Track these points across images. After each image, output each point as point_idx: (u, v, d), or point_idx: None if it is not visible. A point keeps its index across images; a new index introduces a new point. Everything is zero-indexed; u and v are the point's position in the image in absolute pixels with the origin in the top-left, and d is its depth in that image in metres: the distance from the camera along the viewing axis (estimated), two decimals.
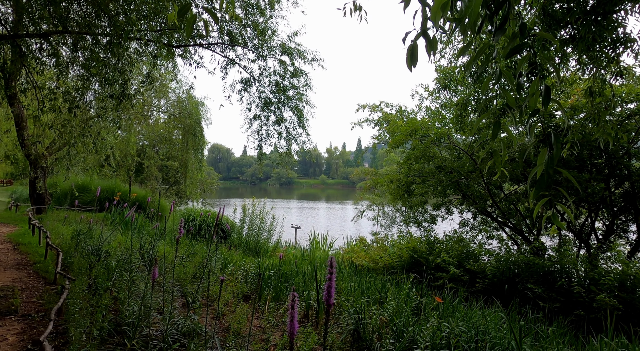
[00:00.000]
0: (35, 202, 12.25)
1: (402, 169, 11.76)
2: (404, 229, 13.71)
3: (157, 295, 5.27)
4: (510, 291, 6.66)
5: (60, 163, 9.54)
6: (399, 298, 5.10)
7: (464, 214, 11.44)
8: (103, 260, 6.35)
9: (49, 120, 8.37)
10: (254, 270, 6.73)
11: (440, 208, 10.29)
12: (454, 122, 7.58)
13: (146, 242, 7.78)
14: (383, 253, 9.54)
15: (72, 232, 8.97)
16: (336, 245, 15.77)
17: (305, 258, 11.47)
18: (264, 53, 7.13)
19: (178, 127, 17.83)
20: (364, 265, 9.34)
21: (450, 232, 10.63)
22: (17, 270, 5.81)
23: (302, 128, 7.76)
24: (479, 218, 11.09)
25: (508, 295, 6.64)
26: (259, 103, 7.63)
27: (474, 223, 11.11)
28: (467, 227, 10.86)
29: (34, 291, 4.94)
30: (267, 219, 12.40)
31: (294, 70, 7.51)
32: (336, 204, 69.15)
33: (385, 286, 5.94)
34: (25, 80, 7.68)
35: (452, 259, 7.75)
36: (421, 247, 8.54)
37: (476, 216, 11.11)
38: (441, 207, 10.21)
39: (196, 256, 7.81)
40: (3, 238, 8.41)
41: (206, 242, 11.25)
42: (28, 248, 7.22)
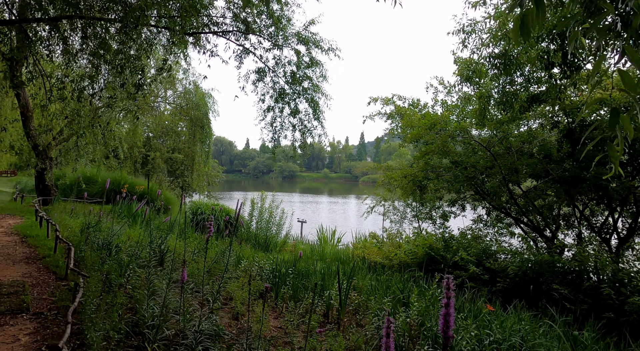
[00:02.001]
0: (41, 194, 12.07)
1: (414, 164, 11.51)
2: (415, 225, 13.48)
3: (174, 293, 5.07)
4: (534, 292, 6.44)
5: (68, 154, 9.33)
6: (425, 299, 4.89)
7: (477, 210, 11.21)
8: (114, 255, 6.16)
9: (56, 110, 8.14)
10: (269, 267, 6.52)
11: (455, 204, 10.05)
12: (476, 115, 7.31)
13: (156, 236, 7.59)
14: (396, 249, 9.34)
15: (80, 224, 8.79)
16: (344, 239, 15.58)
17: (316, 253, 11.27)
18: (280, 42, 6.85)
19: (184, 119, 17.57)
20: (377, 262, 9.14)
21: (463, 228, 10.43)
22: (26, 264, 5.62)
23: (317, 120, 7.52)
24: (493, 215, 10.85)
25: (532, 296, 6.42)
26: (274, 94, 7.36)
27: (488, 219, 10.86)
28: (481, 223, 10.62)
29: (45, 287, 4.74)
30: (276, 213, 12.19)
31: (310, 60, 7.23)
32: (339, 198, 69.03)
33: (407, 286, 5.72)
34: (33, 68, 7.43)
35: (471, 257, 7.52)
36: (437, 244, 8.32)
37: (490, 212, 10.86)
38: (456, 203, 9.96)
39: (208, 251, 7.61)
40: (10, 231, 8.24)
41: (215, 236, 11.06)
42: (36, 241, 7.04)
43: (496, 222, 10.58)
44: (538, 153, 8.62)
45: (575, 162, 7.39)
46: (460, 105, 8.89)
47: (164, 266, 6.44)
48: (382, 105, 12.30)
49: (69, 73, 7.51)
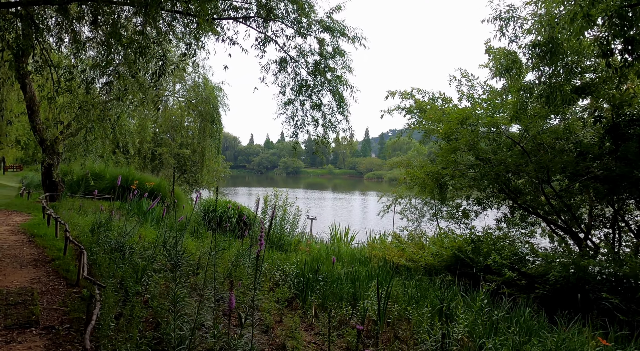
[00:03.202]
0: (48, 190, 11.71)
1: (435, 160, 11.01)
2: (434, 224, 13.00)
3: (192, 300, 4.65)
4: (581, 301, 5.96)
5: (76, 149, 8.92)
6: (472, 311, 4.44)
7: (500, 209, 10.71)
8: (128, 257, 5.74)
9: (64, 102, 7.71)
10: (293, 271, 6.09)
11: (482, 203, 9.55)
12: (515, 109, 6.79)
13: (170, 236, 7.17)
14: (420, 251, 8.88)
15: (89, 223, 8.40)
16: (356, 238, 15.13)
17: (332, 254, 10.82)
18: (303, 29, 6.37)
19: (192, 114, 17.12)
20: (400, 264, 8.69)
21: (484, 228, 9.95)
22: (34, 268, 5.22)
23: (342, 114, 7.04)
24: (517, 214, 10.35)
25: (575, 304, 5.95)
26: (295, 86, 6.89)
27: (512, 219, 10.35)
28: (504, 223, 10.13)
29: (56, 296, 4.33)
30: (290, 211, 11.75)
31: (334, 49, 6.74)
32: (344, 194, 68.53)
33: (445, 294, 5.26)
34: (40, 57, 6.99)
35: (505, 261, 7.05)
36: (465, 246, 7.85)
37: (513, 211, 10.36)
38: (483, 202, 9.47)
39: (225, 252, 7.19)
40: (17, 229, 7.85)
41: (230, 235, 10.64)
42: (44, 241, 6.64)
43: (520, 221, 10.09)
44: (573, 149, 8.11)
45: (619, 160, 6.88)
46: (489, 99, 8.37)
47: (181, 270, 6.03)
48: (401, 99, 11.79)
49: (78, 63, 7.07)
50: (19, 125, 14.69)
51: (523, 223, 9.88)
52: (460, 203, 11.15)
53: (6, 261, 5.41)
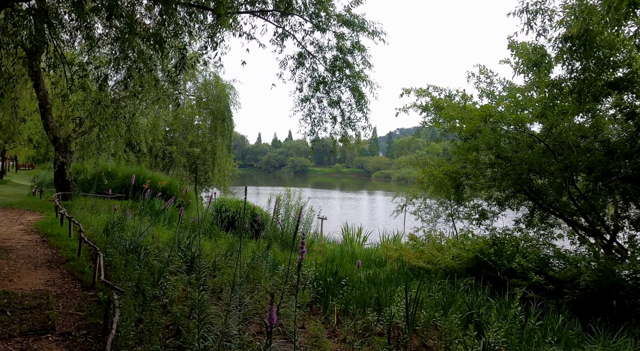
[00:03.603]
0: (60, 188, 11.66)
1: (453, 159, 10.72)
2: (450, 224, 12.71)
3: (212, 306, 4.47)
4: (609, 306, 5.67)
5: (89, 147, 8.82)
6: (507, 319, 4.19)
7: (519, 210, 10.40)
8: (143, 259, 5.59)
9: (78, 100, 7.60)
10: (311, 274, 5.88)
11: (502, 203, 9.26)
12: (543, 106, 6.51)
13: (184, 237, 7.03)
14: (438, 252, 8.62)
15: (102, 222, 8.29)
16: (370, 238, 14.89)
17: (346, 255, 10.61)
18: (322, 23, 6.15)
19: (202, 113, 16.99)
20: (419, 267, 8.44)
21: (503, 229, 9.66)
22: (48, 269, 5.09)
23: (361, 111, 6.81)
24: (537, 215, 10.03)
25: (609, 310, 5.66)
26: (312, 82, 6.68)
27: (532, 220, 10.03)
28: (523, 224, 9.83)
29: (71, 299, 4.18)
30: (303, 211, 11.56)
31: (353, 44, 6.52)
32: (352, 193, 68.16)
33: (474, 300, 5.01)
34: (53, 54, 6.88)
35: (530, 264, 6.76)
36: (487, 248, 7.57)
37: (533, 212, 10.05)
38: (505, 202, 9.17)
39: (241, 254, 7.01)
40: (30, 228, 7.77)
41: (244, 236, 10.48)
42: (58, 241, 6.53)
43: (540, 222, 9.77)
44: (600, 148, 7.79)
45: None
46: (512, 96, 8.07)
47: (197, 272, 5.87)
48: (417, 97, 11.52)
49: (92, 60, 6.94)
50: (31, 124, 14.69)
51: (542, 224, 9.58)
52: (478, 204, 10.86)
53: (20, 262, 5.30)
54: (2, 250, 5.78)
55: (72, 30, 6.47)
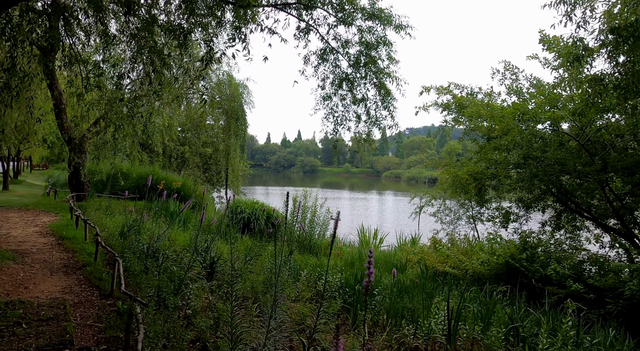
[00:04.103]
0: (74, 189, 11.56)
1: (473, 159, 10.33)
2: (469, 227, 12.30)
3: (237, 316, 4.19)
4: None
5: (104, 147, 8.66)
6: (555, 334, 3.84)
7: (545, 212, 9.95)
8: (162, 264, 5.36)
9: (93, 99, 7.42)
10: (337, 280, 5.58)
11: (529, 205, 8.83)
12: (584, 103, 6.11)
13: (201, 240, 6.78)
14: (464, 256, 8.25)
15: (117, 224, 8.11)
16: (386, 240, 14.52)
17: (365, 258, 10.28)
18: (346, 17, 5.84)
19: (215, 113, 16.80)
20: (444, 272, 8.08)
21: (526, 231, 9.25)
22: (65, 275, 4.87)
23: (386, 109, 6.48)
24: (564, 217, 9.58)
25: None
26: (335, 79, 6.38)
27: (559, 222, 9.58)
28: (549, 226, 9.39)
29: (89, 308, 3.95)
30: (320, 212, 11.28)
31: (378, 39, 6.19)
32: (362, 193, 67.60)
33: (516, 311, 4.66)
34: (69, 52, 6.69)
35: (567, 270, 6.37)
36: (518, 253, 7.19)
37: (561, 215, 9.60)
38: (531, 204, 8.75)
39: (260, 258, 6.75)
40: (46, 230, 7.61)
41: (258, 237, 10.24)
42: (74, 245, 6.34)
43: (567, 224, 9.33)
44: (637, 147, 7.35)
45: None
46: (544, 92, 7.66)
47: (217, 278, 5.61)
48: (437, 95, 11.15)
49: (107, 58, 6.74)
50: (46, 124, 14.66)
51: (569, 227, 9.15)
52: (501, 206, 10.45)
53: (36, 267, 5.10)
54: (18, 254, 5.60)
55: (88, 26, 6.27)
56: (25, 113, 8.83)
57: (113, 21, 7.25)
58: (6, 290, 4.11)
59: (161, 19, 5.13)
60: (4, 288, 4.15)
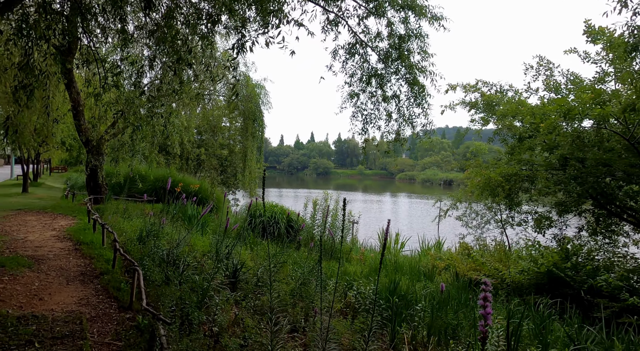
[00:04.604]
0: (92, 192, 11.42)
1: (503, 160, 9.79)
2: (496, 231, 11.71)
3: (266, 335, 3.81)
4: None
5: (122, 148, 8.46)
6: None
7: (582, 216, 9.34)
8: (184, 273, 5.03)
9: (111, 99, 7.19)
10: (370, 289, 5.16)
11: (568, 209, 8.25)
12: (634, 98, 5.57)
13: (222, 246, 6.45)
14: (498, 263, 7.73)
15: (135, 228, 7.86)
16: (408, 245, 14.01)
17: (389, 264, 9.83)
18: (377, 8, 5.44)
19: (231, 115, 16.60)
20: (475, 279, 7.57)
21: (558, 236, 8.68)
22: (82, 284, 4.58)
23: (420, 107, 6.05)
24: (601, 222, 8.95)
25: None
26: (364, 75, 5.99)
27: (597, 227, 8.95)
28: (585, 231, 8.77)
29: (107, 323, 3.62)
30: (341, 215, 10.85)
31: (409, 31, 5.77)
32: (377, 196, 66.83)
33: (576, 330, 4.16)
34: (87, 50, 6.47)
35: (620, 282, 5.81)
36: (562, 262, 6.64)
37: (599, 219, 8.97)
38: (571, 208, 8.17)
39: (284, 265, 6.39)
40: (63, 235, 7.40)
41: (277, 242, 9.90)
42: (91, 250, 6.08)
43: (605, 229, 8.71)
44: None
45: None
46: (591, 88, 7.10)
47: (241, 287, 5.26)
48: (465, 93, 10.64)
49: (125, 56, 6.48)
50: (64, 127, 14.66)
51: (608, 232, 8.53)
52: (535, 210, 9.87)
53: (52, 274, 4.83)
54: (34, 261, 5.36)
55: (106, 23, 6.02)
56: (43, 113, 8.67)
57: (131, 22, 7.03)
58: (19, 302, 3.83)
59: (183, 10, 4.82)
60: (18, 300, 3.86)
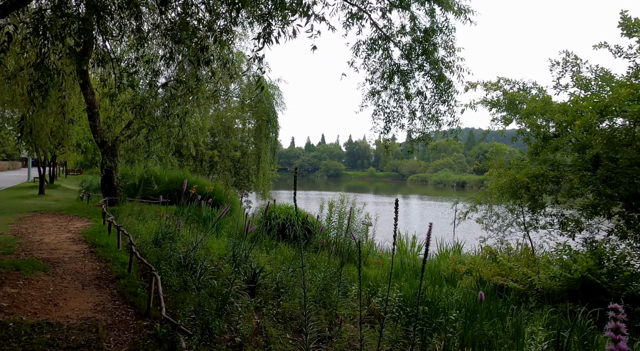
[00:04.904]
0: (107, 194, 11.39)
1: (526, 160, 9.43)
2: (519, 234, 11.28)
3: (289, 342, 3.60)
4: None
5: (138, 149, 8.37)
6: None
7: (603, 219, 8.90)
8: (199, 276, 4.85)
9: (126, 99, 7.09)
10: (397, 297, 4.89)
11: (599, 212, 7.84)
12: None
13: (239, 249, 6.26)
14: (526, 268, 7.37)
15: (150, 230, 7.75)
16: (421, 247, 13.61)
17: (407, 268, 9.54)
18: (401, 0, 5.20)
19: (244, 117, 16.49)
20: (500, 284, 7.24)
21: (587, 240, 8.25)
22: (97, 289, 4.43)
23: (445, 104, 5.77)
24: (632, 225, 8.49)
25: None
26: (387, 71, 5.75)
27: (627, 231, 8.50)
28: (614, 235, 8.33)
29: (123, 331, 3.44)
30: (358, 218, 10.61)
31: (436, 24, 5.51)
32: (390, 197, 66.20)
33: None
34: (103, 49, 6.36)
35: None
36: (596, 268, 6.27)
37: (630, 221, 8.52)
38: (601, 211, 7.76)
39: (305, 269, 6.15)
40: (78, 237, 7.31)
41: (293, 244, 9.69)
42: (106, 253, 5.95)
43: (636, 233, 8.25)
44: None
45: None
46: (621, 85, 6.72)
47: (260, 292, 5.05)
48: (486, 91, 10.30)
49: (141, 56, 6.36)
50: (79, 129, 14.74)
51: (638, 235, 8.08)
52: (561, 212, 9.46)
53: (67, 279, 4.69)
54: (49, 264, 5.24)
55: (121, 21, 5.90)
56: (58, 115, 8.63)
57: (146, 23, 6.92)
58: (34, 308, 3.68)
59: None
60: (32, 306, 3.72)
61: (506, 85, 10.25)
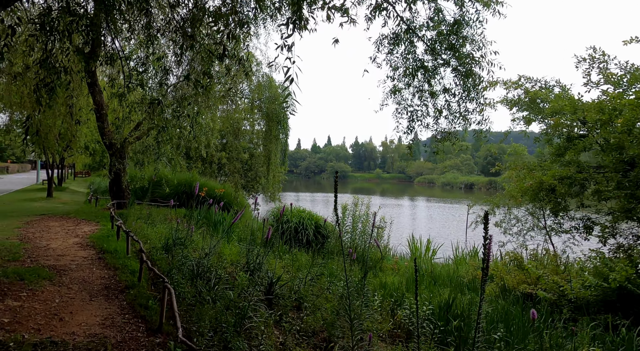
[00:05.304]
0: (115, 196, 11.17)
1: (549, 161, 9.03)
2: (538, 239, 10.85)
3: None
4: None
5: (147, 151, 8.13)
6: None
7: None
8: (214, 286, 4.54)
9: (135, 99, 6.83)
10: (428, 310, 4.54)
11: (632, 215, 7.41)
12: None
13: (252, 256, 5.95)
14: (555, 276, 6.95)
15: (159, 235, 7.47)
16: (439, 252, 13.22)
17: (425, 274, 9.16)
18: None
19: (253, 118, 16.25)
20: (528, 293, 6.84)
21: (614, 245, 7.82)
22: (106, 300, 4.14)
23: (473, 102, 5.43)
24: None
25: None
26: (410, 67, 5.42)
27: None
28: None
29: (134, 350, 3.13)
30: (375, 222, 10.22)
31: (465, 16, 5.17)
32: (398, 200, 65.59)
33: None
34: (111, 47, 6.11)
35: None
36: (636, 277, 5.85)
37: None
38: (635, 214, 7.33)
39: (322, 277, 5.82)
40: (86, 242, 7.06)
41: (306, 249, 9.37)
42: (115, 260, 5.67)
43: None
44: None
45: None
46: None
47: (277, 302, 4.73)
48: (506, 90, 9.92)
49: (151, 53, 6.09)
50: (87, 131, 14.57)
51: None
52: (587, 216, 9.03)
53: (74, 289, 4.41)
54: (55, 272, 4.97)
55: (131, 17, 5.64)
56: (66, 115, 8.41)
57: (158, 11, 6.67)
58: (37, 323, 3.39)
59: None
60: (35, 321, 3.43)
61: (527, 84, 9.87)
